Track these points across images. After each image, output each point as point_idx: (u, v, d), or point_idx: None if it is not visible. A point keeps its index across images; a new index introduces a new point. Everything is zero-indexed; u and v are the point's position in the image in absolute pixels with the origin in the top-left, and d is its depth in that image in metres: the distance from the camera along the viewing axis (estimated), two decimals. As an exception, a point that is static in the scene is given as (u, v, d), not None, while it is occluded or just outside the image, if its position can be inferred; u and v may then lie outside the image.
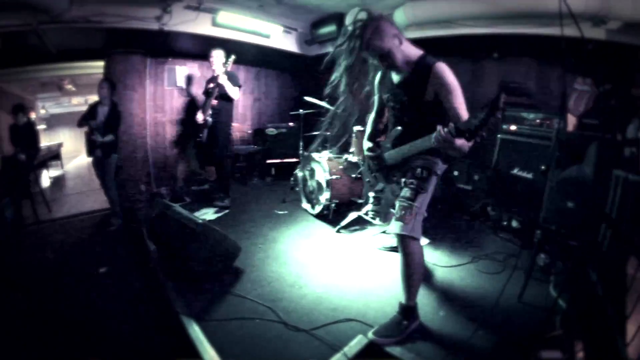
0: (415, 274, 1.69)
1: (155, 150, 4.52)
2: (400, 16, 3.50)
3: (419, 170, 1.66)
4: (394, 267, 2.23)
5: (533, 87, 3.31)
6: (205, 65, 4.72)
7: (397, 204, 1.67)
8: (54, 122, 8.72)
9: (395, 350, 1.61)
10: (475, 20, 3.09)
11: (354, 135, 3.28)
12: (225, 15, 3.98)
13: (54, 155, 6.97)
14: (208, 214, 3.44)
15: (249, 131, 5.11)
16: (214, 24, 4.04)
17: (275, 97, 5.56)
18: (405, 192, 1.65)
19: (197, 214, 3.33)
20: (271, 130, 4.71)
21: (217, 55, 3.54)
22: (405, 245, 1.65)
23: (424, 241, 2.56)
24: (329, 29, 4.08)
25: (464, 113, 1.48)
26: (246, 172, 4.81)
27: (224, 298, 2.08)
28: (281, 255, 2.65)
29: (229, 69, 3.39)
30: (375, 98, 1.93)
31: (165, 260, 2.50)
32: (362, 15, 1.55)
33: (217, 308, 1.98)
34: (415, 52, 1.64)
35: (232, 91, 3.42)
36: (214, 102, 3.53)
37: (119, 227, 3.58)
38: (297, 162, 4.42)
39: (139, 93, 4.32)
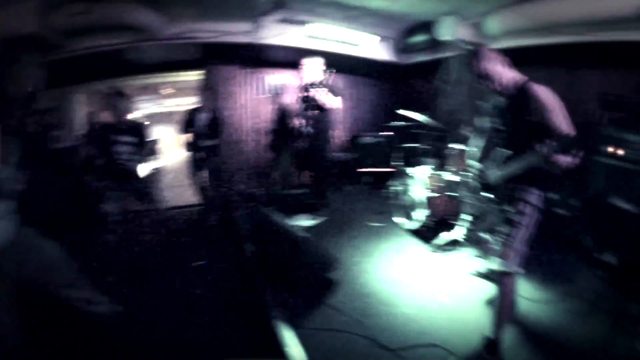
0: (506, 309, 1.77)
1: (251, 154, 5.05)
2: (492, 24, 3.35)
3: (521, 204, 1.66)
4: (484, 296, 2.23)
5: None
6: (298, 73, 5.08)
7: (497, 237, 1.71)
8: (151, 120, 10.12)
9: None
10: (576, 26, 2.78)
11: (453, 152, 3.23)
12: (316, 27, 4.20)
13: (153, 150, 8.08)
14: (304, 221, 3.66)
15: (343, 139, 5.29)
16: (307, 36, 4.32)
17: (368, 105, 5.61)
18: (506, 226, 1.67)
19: (293, 220, 3.59)
20: (365, 139, 4.82)
21: (313, 64, 3.69)
22: (503, 281, 1.73)
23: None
24: (421, 37, 4.04)
25: (567, 129, 1.49)
26: (340, 179, 4.99)
27: (318, 308, 2.25)
28: (375, 270, 2.74)
29: (330, 81, 3.55)
30: (481, 120, 1.95)
31: (262, 264, 2.72)
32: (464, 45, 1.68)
33: (309, 317, 2.16)
34: (517, 76, 1.74)
35: (333, 101, 3.56)
36: (314, 111, 3.70)
37: (215, 223, 4.08)
38: (390, 172, 4.46)
39: (235, 101, 4.89)
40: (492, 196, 1.83)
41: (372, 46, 4.55)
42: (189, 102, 6.93)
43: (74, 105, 6.05)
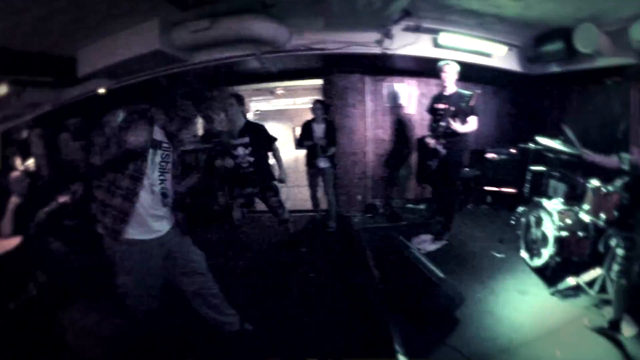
0: None
1: (373, 165, 5.10)
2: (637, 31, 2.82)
3: None
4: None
5: None
6: (424, 82, 4.89)
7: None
8: (262, 117, 10.88)
9: None
10: None
11: (592, 189, 2.69)
12: (447, 37, 3.97)
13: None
14: (427, 244, 3.61)
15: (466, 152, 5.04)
16: (435, 45, 4.10)
17: (492, 117, 5.18)
18: None
19: (415, 240, 3.64)
20: (492, 156, 4.53)
21: (451, 70, 3.45)
22: None
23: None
24: (556, 46, 3.56)
25: None
26: (462, 196, 4.76)
27: (439, 346, 2.25)
28: (496, 311, 2.63)
29: (472, 103, 3.31)
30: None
31: (388, 292, 2.77)
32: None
33: (430, 354, 2.19)
34: None
35: (471, 124, 3.36)
36: (449, 130, 3.42)
37: (333, 230, 4.34)
38: (515, 193, 4.20)
39: (359, 110, 4.94)
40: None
41: (500, 55, 4.16)
42: (302, 101, 7.27)
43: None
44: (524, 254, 3.31)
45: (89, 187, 4.87)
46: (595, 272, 2.60)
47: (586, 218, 2.76)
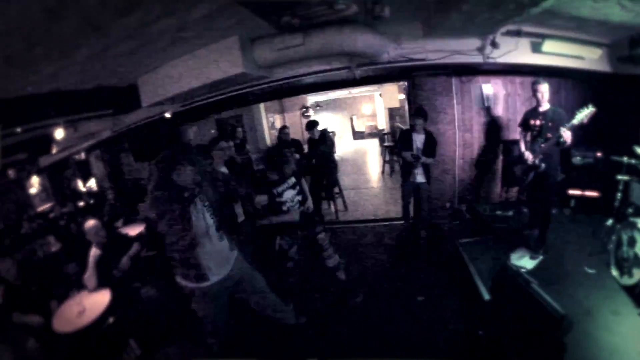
0: None
1: (462, 169, 5.17)
2: None
3: None
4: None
5: None
6: (509, 80, 4.74)
7: None
8: (319, 108, 10.69)
9: None
10: None
11: None
12: (551, 44, 3.86)
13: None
14: (524, 260, 3.82)
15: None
16: (534, 50, 3.99)
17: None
18: None
19: (513, 256, 3.88)
20: (578, 159, 4.59)
21: (545, 88, 3.56)
22: None
23: None
24: None
25: None
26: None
27: None
28: (595, 333, 2.80)
29: (585, 121, 3.37)
30: None
31: (501, 321, 2.96)
32: None
33: None
34: None
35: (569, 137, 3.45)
36: (543, 145, 3.60)
37: (425, 239, 4.58)
38: (598, 197, 4.41)
39: (447, 114, 4.92)
40: None
41: (594, 58, 4.03)
42: (358, 90, 6.96)
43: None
44: (613, 270, 3.53)
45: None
46: None
47: None
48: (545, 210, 3.92)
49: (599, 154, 4.53)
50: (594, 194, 4.57)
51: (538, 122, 3.64)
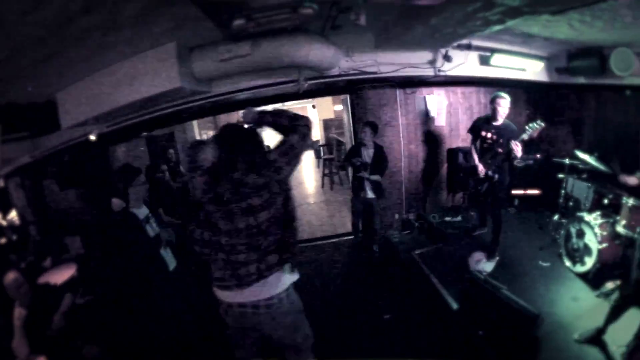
0: None
1: (408, 180, 5.12)
2: None
3: None
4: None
5: None
6: (451, 91, 4.89)
7: None
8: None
9: None
10: None
11: (626, 204, 3.30)
12: (499, 57, 4.01)
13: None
14: (483, 264, 3.83)
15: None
16: (482, 63, 4.12)
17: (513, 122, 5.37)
18: None
19: (471, 261, 3.85)
20: (519, 162, 4.66)
21: (505, 104, 3.65)
22: None
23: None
24: (589, 62, 3.78)
25: None
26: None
27: None
28: (567, 324, 2.94)
29: (535, 135, 3.49)
30: None
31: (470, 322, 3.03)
32: None
33: None
34: None
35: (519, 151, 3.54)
36: (499, 156, 3.69)
37: (377, 253, 4.48)
38: (539, 195, 4.68)
39: (393, 126, 4.84)
40: None
41: (536, 70, 4.31)
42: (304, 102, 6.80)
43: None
44: (566, 260, 3.78)
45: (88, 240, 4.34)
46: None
47: (621, 229, 3.34)
48: (497, 214, 4.04)
49: (538, 156, 4.80)
50: (535, 192, 4.84)
51: (490, 135, 3.75)
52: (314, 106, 11.09)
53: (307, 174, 11.34)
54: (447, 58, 3.85)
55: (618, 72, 3.55)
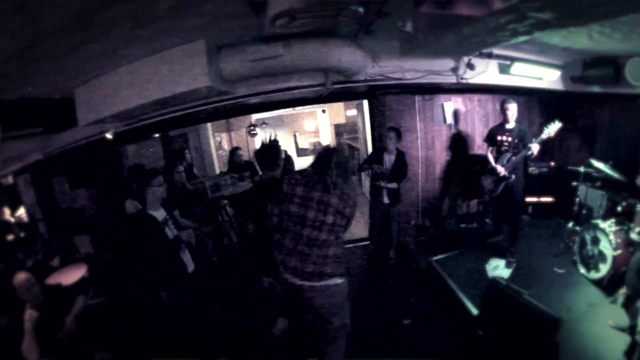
0: None
1: (425, 187, 5.14)
2: None
3: None
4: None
5: None
6: (468, 98, 4.97)
7: None
8: (265, 126, 9.84)
9: None
10: None
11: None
12: (519, 66, 4.05)
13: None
14: (500, 270, 3.95)
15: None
16: (501, 71, 4.16)
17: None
18: None
19: (488, 268, 3.95)
20: (533, 169, 4.89)
21: (513, 108, 3.84)
22: None
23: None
24: (604, 72, 3.86)
25: None
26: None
27: None
28: (581, 329, 3.07)
29: (552, 134, 3.65)
30: None
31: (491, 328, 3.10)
32: None
33: None
34: None
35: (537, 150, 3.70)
36: (513, 158, 3.86)
37: (394, 259, 4.50)
38: (552, 202, 4.79)
39: (411, 132, 4.83)
40: None
41: (552, 79, 4.40)
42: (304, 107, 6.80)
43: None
44: (580, 267, 3.86)
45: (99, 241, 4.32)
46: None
47: (635, 237, 3.42)
48: (515, 218, 4.09)
49: (552, 164, 4.89)
50: (549, 199, 4.92)
51: (505, 138, 3.91)
52: (324, 111, 11.14)
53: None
54: (470, 66, 3.88)
55: (633, 82, 3.61)
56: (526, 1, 2.05)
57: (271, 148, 3.24)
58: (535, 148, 3.70)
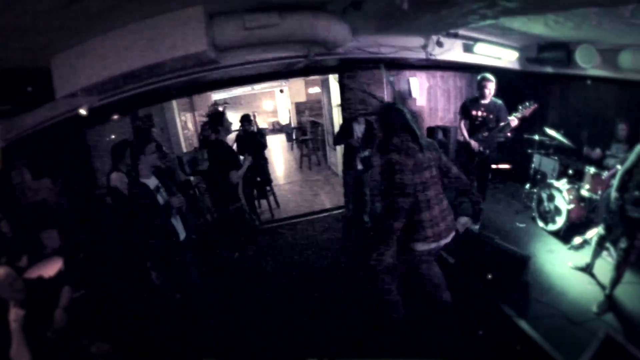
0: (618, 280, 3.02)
1: None
2: (626, 58, 4.00)
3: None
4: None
5: None
6: (431, 74, 5.54)
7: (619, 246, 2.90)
8: (227, 105, 9.75)
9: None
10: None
11: (588, 172, 4.13)
12: (481, 46, 4.60)
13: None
14: (470, 225, 4.30)
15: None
16: (465, 50, 4.71)
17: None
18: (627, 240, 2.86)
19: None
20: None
21: (492, 85, 4.17)
22: (620, 268, 2.95)
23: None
24: (556, 54, 4.51)
25: None
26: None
27: (528, 301, 3.25)
28: (544, 268, 3.71)
29: (527, 113, 4.05)
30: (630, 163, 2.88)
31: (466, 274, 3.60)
32: None
33: (523, 308, 3.13)
34: None
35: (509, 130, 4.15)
36: (486, 134, 4.23)
37: (368, 224, 4.89)
38: (510, 169, 5.50)
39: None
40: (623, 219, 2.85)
41: (511, 59, 5.02)
42: (261, 86, 6.89)
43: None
44: (539, 221, 4.49)
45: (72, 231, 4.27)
46: (592, 232, 3.97)
47: (585, 193, 4.17)
48: (484, 185, 4.69)
49: (509, 134, 5.38)
50: (506, 166, 5.64)
51: (480, 113, 4.25)
52: (282, 90, 11.30)
53: (282, 155, 11.75)
54: (439, 44, 4.33)
55: (582, 64, 4.21)
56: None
57: (215, 115, 3.78)
58: (513, 123, 4.11)
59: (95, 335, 2.92)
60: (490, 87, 4.18)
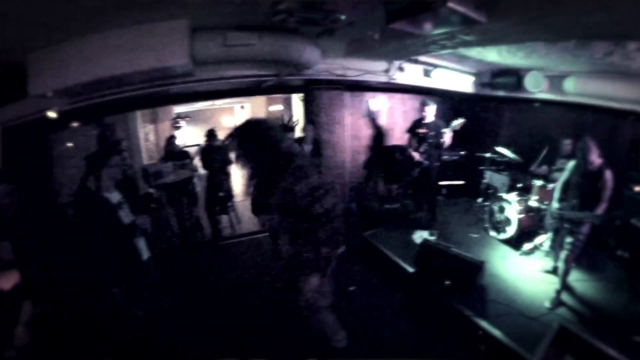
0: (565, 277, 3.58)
1: (352, 173, 6.03)
2: (570, 84, 4.59)
3: (582, 228, 3.45)
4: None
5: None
6: (390, 96, 6.11)
7: (565, 247, 3.50)
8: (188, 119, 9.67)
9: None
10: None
11: (536, 185, 4.76)
12: (439, 72, 5.22)
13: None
14: (425, 235, 4.79)
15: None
16: (425, 75, 5.31)
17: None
18: (571, 241, 3.48)
19: (414, 237, 4.88)
20: (446, 157, 5.97)
21: (430, 108, 4.89)
22: (567, 268, 3.55)
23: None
24: (508, 79, 5.18)
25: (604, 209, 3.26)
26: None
27: (486, 302, 3.62)
28: (498, 272, 4.14)
29: (457, 128, 4.72)
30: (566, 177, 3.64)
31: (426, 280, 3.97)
32: None
33: (482, 309, 3.48)
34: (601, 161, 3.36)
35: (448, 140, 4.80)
36: (432, 146, 4.89)
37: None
38: (462, 185, 6.11)
39: (340, 124, 5.71)
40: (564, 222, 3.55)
41: (467, 83, 5.69)
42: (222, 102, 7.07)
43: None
44: (491, 232, 5.02)
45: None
46: (540, 238, 4.55)
47: (534, 204, 4.72)
48: (432, 196, 5.26)
49: (462, 152, 6.23)
50: (460, 182, 6.25)
51: (422, 131, 4.96)
52: (242, 107, 11.42)
53: (240, 172, 11.47)
54: (400, 69, 4.93)
55: (531, 89, 4.86)
56: (461, 30, 3.04)
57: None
58: (446, 136, 4.78)
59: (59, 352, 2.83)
60: (430, 110, 4.91)
